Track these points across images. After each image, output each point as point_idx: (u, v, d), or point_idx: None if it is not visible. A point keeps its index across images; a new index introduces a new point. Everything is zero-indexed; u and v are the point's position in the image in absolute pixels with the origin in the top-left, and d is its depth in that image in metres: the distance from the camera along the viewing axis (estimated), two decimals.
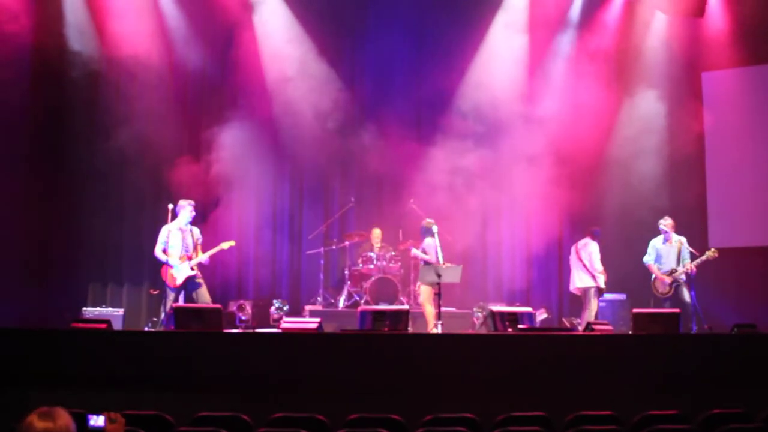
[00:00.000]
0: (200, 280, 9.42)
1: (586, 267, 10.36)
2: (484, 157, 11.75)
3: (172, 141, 11.19)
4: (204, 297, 9.32)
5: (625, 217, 11.47)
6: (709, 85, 12.29)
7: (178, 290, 9.33)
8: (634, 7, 12.36)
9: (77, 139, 11.02)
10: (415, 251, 10.41)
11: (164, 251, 9.34)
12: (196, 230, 9.65)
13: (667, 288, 9.86)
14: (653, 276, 10.05)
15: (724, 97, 12.11)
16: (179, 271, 9.32)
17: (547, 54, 12.43)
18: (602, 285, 10.31)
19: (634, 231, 11.05)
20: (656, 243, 10.15)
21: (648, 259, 10.13)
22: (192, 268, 9.38)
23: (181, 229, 9.47)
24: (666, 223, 10.09)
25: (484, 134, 11.80)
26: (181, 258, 9.36)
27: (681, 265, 9.88)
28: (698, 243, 10.67)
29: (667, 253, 10.02)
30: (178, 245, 9.38)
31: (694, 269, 9.80)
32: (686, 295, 9.79)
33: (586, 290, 10.36)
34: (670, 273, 9.88)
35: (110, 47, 11.05)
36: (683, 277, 9.86)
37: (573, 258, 10.62)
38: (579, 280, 10.48)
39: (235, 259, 11.41)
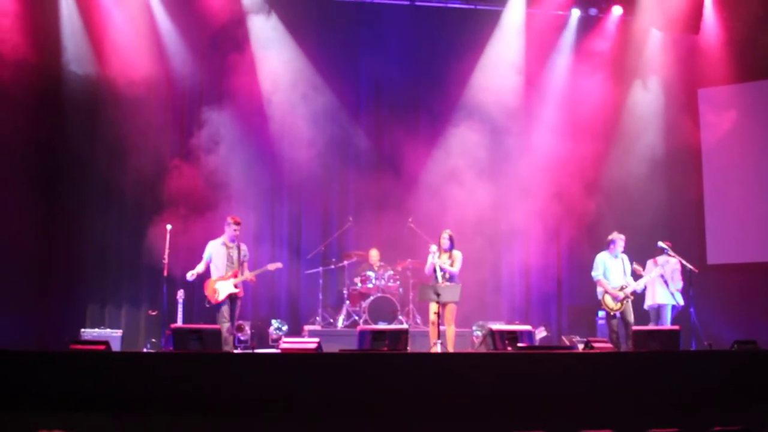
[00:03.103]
0: (240, 296, 9.49)
1: (667, 283, 10.26)
2: (483, 177, 11.79)
3: (169, 161, 11.20)
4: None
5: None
6: (706, 102, 12.35)
7: (219, 306, 9.30)
8: (630, 25, 12.44)
9: (76, 159, 11.01)
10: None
11: (207, 266, 9.40)
12: (243, 247, 9.66)
13: (619, 304, 9.66)
14: (601, 291, 9.79)
15: (720, 113, 12.15)
16: (222, 288, 9.32)
17: (543, 70, 12.52)
18: (681, 302, 10.27)
19: (631, 252, 10.81)
20: (604, 257, 9.91)
21: (597, 274, 9.88)
22: (235, 286, 9.37)
23: (225, 245, 9.50)
24: (622, 237, 9.95)
25: (483, 154, 11.82)
26: (225, 275, 9.36)
27: (630, 280, 9.81)
28: (696, 260, 10.67)
29: (614, 268, 9.85)
30: (222, 261, 9.42)
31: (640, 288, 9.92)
32: (632, 313, 9.72)
33: (661, 307, 10.35)
34: (621, 288, 9.71)
35: (108, 66, 11.09)
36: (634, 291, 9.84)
37: (653, 274, 10.21)
38: (658, 296, 10.36)
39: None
